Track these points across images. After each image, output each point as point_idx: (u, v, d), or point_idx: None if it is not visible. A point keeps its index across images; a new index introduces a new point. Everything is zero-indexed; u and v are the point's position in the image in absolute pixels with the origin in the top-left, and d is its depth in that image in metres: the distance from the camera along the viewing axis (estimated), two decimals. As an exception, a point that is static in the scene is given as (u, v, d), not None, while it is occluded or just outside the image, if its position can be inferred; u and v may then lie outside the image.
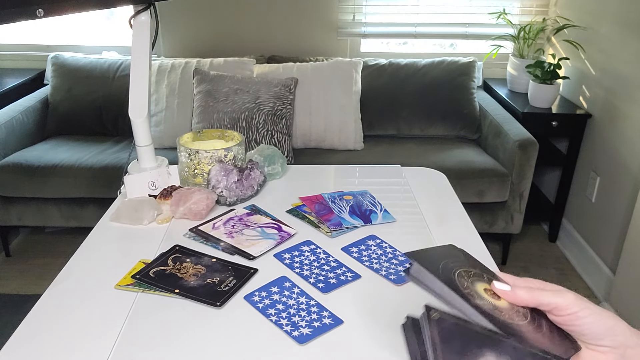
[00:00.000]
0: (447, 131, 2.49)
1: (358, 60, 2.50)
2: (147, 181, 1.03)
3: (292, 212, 1.00)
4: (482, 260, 0.84)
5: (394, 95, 2.49)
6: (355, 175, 1.17)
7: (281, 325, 0.70)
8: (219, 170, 1.02)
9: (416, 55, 2.74)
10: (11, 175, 2.17)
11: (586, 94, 2.35)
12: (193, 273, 0.81)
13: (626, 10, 2.04)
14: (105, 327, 0.70)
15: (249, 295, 0.76)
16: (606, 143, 2.18)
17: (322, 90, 2.37)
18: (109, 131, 2.54)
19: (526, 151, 2.09)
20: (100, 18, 2.83)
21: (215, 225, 0.95)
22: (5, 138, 2.27)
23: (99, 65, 2.55)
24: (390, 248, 0.89)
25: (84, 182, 2.17)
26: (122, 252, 0.87)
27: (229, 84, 2.30)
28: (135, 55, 1.04)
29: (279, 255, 0.86)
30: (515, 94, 2.56)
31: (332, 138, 2.36)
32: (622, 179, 2.05)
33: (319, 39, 2.76)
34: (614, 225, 2.08)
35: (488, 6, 2.67)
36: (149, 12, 1.03)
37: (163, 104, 2.38)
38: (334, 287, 0.78)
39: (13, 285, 2.20)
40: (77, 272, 0.82)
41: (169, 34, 2.75)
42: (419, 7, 2.69)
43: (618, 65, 2.10)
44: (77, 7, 0.83)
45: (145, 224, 0.95)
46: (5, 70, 2.77)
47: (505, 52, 2.74)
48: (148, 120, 1.06)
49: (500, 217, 2.22)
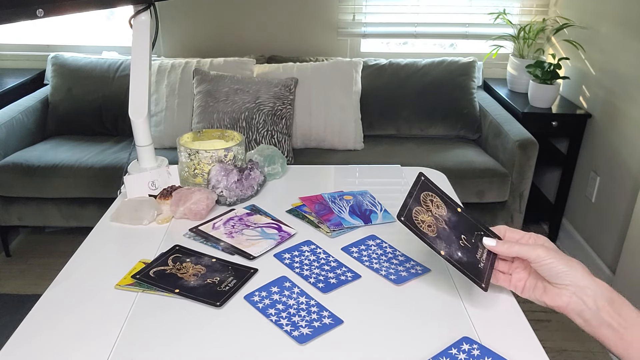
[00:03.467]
0: (447, 131, 2.49)
1: (358, 60, 2.50)
2: (147, 181, 1.03)
3: (292, 212, 1.00)
4: (482, 260, 0.85)
5: (394, 95, 2.49)
6: (355, 175, 1.17)
7: (281, 325, 0.70)
8: (219, 170, 1.02)
9: (416, 55, 2.74)
10: (11, 175, 2.17)
11: (586, 94, 2.35)
12: (193, 273, 0.81)
13: (626, 10, 2.04)
14: (105, 327, 0.70)
15: (249, 295, 0.76)
16: (606, 143, 2.18)
17: (322, 90, 2.37)
18: (109, 131, 2.54)
19: (526, 151, 2.09)
20: (100, 18, 2.83)
21: (215, 225, 0.95)
22: (5, 138, 2.27)
23: (99, 65, 2.55)
24: (390, 248, 0.89)
25: (84, 182, 2.17)
26: (122, 252, 0.87)
27: (229, 84, 2.30)
28: (135, 55, 1.04)
29: (279, 255, 0.86)
30: (515, 94, 2.56)
31: (332, 138, 2.36)
32: (622, 179, 2.05)
33: (319, 39, 2.76)
34: (614, 225, 2.08)
35: (488, 6, 2.67)
36: (149, 12, 1.03)
37: (163, 104, 2.38)
38: (334, 287, 0.78)
39: (13, 285, 2.20)
40: (77, 272, 0.82)
41: (169, 34, 2.75)
42: (419, 7, 2.69)
43: (618, 65, 2.10)
44: (77, 7, 0.83)
45: (145, 224, 0.95)
46: (5, 70, 2.77)
47: (505, 52, 2.74)
48: (148, 120, 1.06)
49: (500, 217, 2.22)
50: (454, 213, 0.79)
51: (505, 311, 0.73)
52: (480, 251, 0.75)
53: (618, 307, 0.64)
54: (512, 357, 0.64)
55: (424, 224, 0.74)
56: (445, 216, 0.77)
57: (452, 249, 0.73)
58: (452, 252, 0.73)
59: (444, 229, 0.75)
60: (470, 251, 0.74)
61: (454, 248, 0.73)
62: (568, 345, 1.90)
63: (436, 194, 0.80)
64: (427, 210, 0.76)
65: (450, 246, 0.73)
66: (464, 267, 0.72)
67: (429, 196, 0.79)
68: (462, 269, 0.71)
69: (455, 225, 0.77)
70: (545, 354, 0.66)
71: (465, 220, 0.78)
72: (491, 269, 0.74)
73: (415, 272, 0.82)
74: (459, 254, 0.73)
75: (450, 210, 0.79)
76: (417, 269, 0.83)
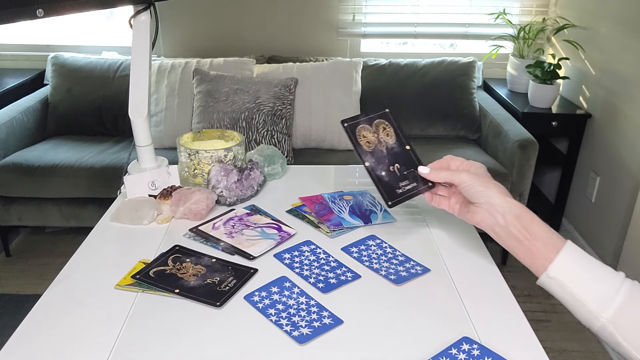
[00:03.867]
0: (447, 131, 2.49)
1: (358, 60, 2.50)
2: (147, 181, 1.03)
3: (292, 212, 1.00)
4: (482, 260, 0.85)
5: (394, 95, 2.49)
6: (355, 175, 1.17)
7: (281, 325, 0.70)
8: (219, 170, 1.02)
9: (416, 55, 2.74)
10: (11, 175, 2.17)
11: (586, 94, 2.35)
12: (193, 273, 0.81)
13: (626, 10, 2.04)
14: (105, 327, 0.70)
15: (249, 295, 0.76)
16: (606, 143, 2.18)
17: (322, 90, 2.37)
18: (109, 131, 2.54)
19: (526, 151, 2.09)
20: (100, 18, 2.83)
21: (215, 225, 0.95)
22: (5, 138, 2.27)
23: (99, 65, 2.55)
24: (390, 248, 0.89)
25: (84, 182, 2.17)
26: (122, 252, 0.87)
27: (229, 84, 2.30)
28: (135, 55, 1.04)
29: (278, 255, 0.86)
30: (515, 94, 2.56)
31: (332, 138, 2.36)
32: (622, 179, 2.05)
33: (319, 39, 2.76)
34: (614, 225, 2.08)
35: (488, 6, 2.67)
36: (149, 12, 1.03)
37: (163, 104, 2.38)
38: (334, 287, 0.78)
39: (13, 285, 2.20)
40: (77, 272, 0.82)
41: (169, 34, 2.75)
42: (419, 7, 2.69)
43: (618, 65, 2.10)
44: (77, 7, 0.83)
45: (145, 224, 0.95)
46: (5, 70, 2.77)
47: (505, 52, 2.74)
48: (148, 120, 1.06)
49: (500, 217, 2.22)
50: (400, 146, 0.86)
51: (505, 311, 0.73)
52: (406, 182, 0.83)
53: (526, 222, 0.70)
54: (512, 357, 0.65)
55: (364, 139, 0.84)
56: (389, 144, 0.85)
57: (378, 166, 0.82)
58: (376, 168, 0.82)
59: (381, 151, 0.84)
60: (396, 178, 0.83)
61: (380, 167, 0.82)
62: (568, 345, 1.90)
63: (393, 126, 0.87)
64: (374, 133, 0.85)
65: (378, 164, 0.82)
66: (381, 184, 0.81)
67: (383, 124, 0.87)
68: (377, 183, 0.81)
69: (394, 154, 0.85)
70: (545, 354, 0.66)
71: (408, 156, 0.86)
72: (408, 198, 0.82)
73: (415, 272, 0.82)
74: (382, 173, 0.82)
75: (397, 143, 0.86)
76: (417, 269, 0.83)
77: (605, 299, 0.64)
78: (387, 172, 0.82)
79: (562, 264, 0.67)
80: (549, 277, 0.67)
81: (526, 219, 0.70)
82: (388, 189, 0.81)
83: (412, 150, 0.86)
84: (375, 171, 0.82)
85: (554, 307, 2.09)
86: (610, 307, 0.63)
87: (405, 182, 0.83)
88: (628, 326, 0.62)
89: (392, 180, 0.82)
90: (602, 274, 0.66)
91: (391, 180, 0.82)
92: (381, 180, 0.82)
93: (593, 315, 0.64)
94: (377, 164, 0.82)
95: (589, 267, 0.67)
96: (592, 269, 0.66)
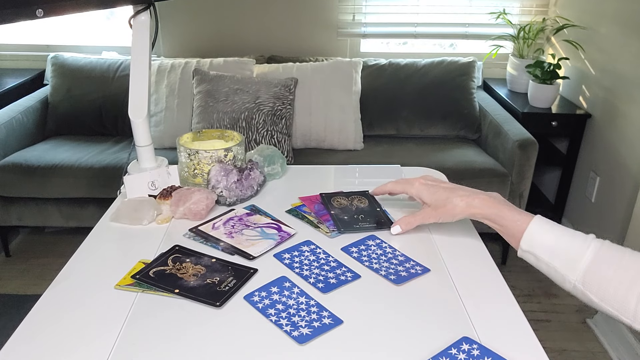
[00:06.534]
0: (447, 131, 2.49)
1: (358, 60, 2.50)
2: (147, 181, 1.03)
3: (291, 212, 1.00)
4: (482, 259, 0.85)
5: (394, 95, 2.49)
6: (355, 175, 1.17)
7: (281, 325, 0.70)
8: (219, 170, 1.02)
9: (416, 55, 2.74)
10: (11, 175, 2.17)
11: (586, 94, 2.35)
12: (193, 273, 0.81)
13: (626, 10, 2.04)
14: (105, 327, 0.70)
15: (248, 295, 0.76)
16: (606, 143, 2.18)
17: (322, 90, 2.37)
18: (109, 131, 2.54)
19: (526, 151, 2.09)
20: (100, 18, 2.84)
21: (215, 225, 0.95)
22: (5, 138, 2.27)
23: (98, 65, 2.55)
24: (390, 248, 0.89)
25: (84, 182, 2.17)
26: (122, 252, 0.87)
27: (229, 84, 2.30)
28: (135, 55, 1.04)
29: (278, 255, 0.86)
30: (515, 94, 2.57)
31: (332, 138, 2.36)
32: (622, 179, 2.05)
33: (318, 39, 2.76)
34: (614, 225, 2.08)
35: (488, 6, 2.67)
36: (149, 12, 1.02)
37: (163, 104, 2.38)
38: (334, 287, 0.78)
39: (13, 285, 2.20)
40: (77, 272, 0.82)
41: (169, 34, 2.75)
42: (419, 7, 2.69)
43: (618, 65, 2.10)
44: (77, 7, 0.83)
45: (145, 224, 0.95)
46: (5, 70, 2.77)
47: (505, 52, 2.74)
48: (148, 120, 1.06)
49: (500, 217, 2.22)
50: (370, 207, 0.99)
51: (505, 311, 0.73)
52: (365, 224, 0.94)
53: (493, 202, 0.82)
54: (512, 357, 0.64)
55: (337, 203, 0.99)
56: (360, 207, 0.98)
57: (342, 213, 0.96)
58: (339, 214, 0.96)
59: (351, 209, 0.97)
60: (357, 220, 0.95)
61: (344, 214, 0.96)
62: (568, 345, 1.90)
63: (368, 199, 1.01)
64: (349, 201, 1.00)
65: (342, 212, 0.96)
66: (338, 219, 0.94)
67: (359, 197, 1.02)
68: (334, 219, 0.94)
69: (362, 210, 0.97)
70: (545, 354, 0.66)
71: (378, 214, 0.97)
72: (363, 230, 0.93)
73: (415, 272, 0.82)
74: (344, 217, 0.95)
75: (370, 207, 0.99)
76: (417, 269, 0.83)
77: (574, 261, 0.69)
78: (349, 217, 0.94)
79: (532, 236, 0.73)
80: (523, 250, 0.74)
81: (497, 199, 0.80)
82: (344, 223, 0.93)
83: (382, 211, 0.97)
84: (338, 215, 0.95)
85: (554, 307, 2.09)
86: (578, 268, 0.68)
87: (365, 223, 0.93)
88: (596, 284, 0.67)
89: (352, 221, 0.94)
90: (571, 239, 0.70)
91: (351, 221, 0.94)
92: (340, 219, 0.94)
93: (565, 278, 0.70)
94: (342, 212, 0.96)
95: (559, 235, 0.71)
96: (562, 236, 0.71)
